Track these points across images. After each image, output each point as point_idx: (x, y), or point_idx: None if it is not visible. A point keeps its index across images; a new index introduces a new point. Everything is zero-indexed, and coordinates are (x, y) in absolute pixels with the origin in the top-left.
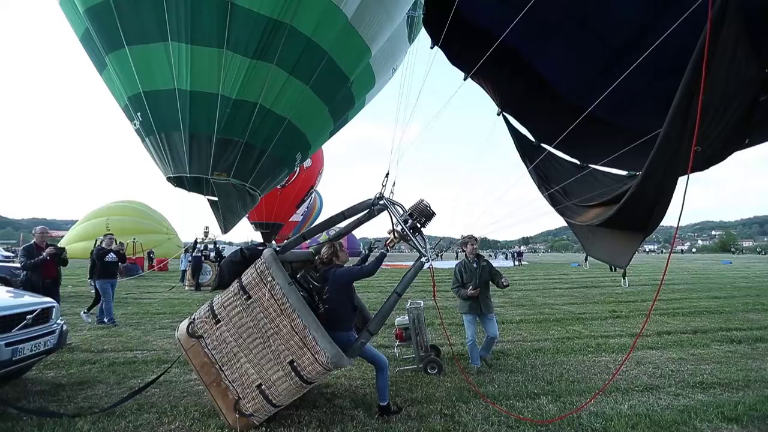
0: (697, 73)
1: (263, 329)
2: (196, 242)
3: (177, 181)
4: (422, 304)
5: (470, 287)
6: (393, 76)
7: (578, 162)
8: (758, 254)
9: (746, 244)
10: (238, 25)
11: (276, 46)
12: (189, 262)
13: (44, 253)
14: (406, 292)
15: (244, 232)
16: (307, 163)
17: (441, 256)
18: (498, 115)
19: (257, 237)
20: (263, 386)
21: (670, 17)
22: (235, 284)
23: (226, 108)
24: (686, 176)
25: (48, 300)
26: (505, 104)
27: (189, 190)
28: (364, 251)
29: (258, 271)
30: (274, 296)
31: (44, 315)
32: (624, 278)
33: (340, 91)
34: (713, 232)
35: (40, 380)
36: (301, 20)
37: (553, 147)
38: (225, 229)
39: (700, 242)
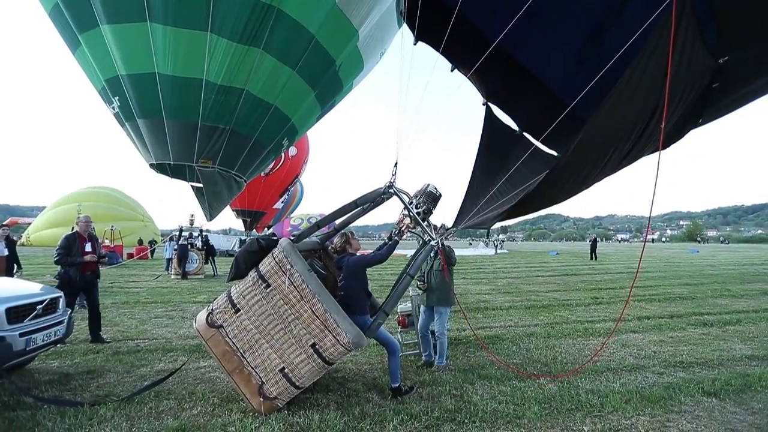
0: (661, 64)
1: (284, 315)
2: (181, 230)
3: (159, 168)
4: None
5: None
6: (381, 59)
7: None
8: (722, 243)
9: (711, 233)
10: (223, 8)
11: (263, 29)
12: (174, 250)
13: (86, 258)
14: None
15: (225, 220)
16: (293, 151)
17: (447, 237)
18: (483, 105)
19: (238, 224)
20: (286, 369)
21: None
22: (253, 274)
23: (212, 94)
24: (658, 153)
25: (55, 290)
26: (489, 94)
27: (171, 177)
28: (385, 240)
29: (276, 259)
30: (293, 283)
31: (52, 305)
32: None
33: (327, 74)
34: (681, 222)
35: (47, 370)
36: (289, 2)
37: (536, 137)
38: (210, 216)
39: (669, 232)
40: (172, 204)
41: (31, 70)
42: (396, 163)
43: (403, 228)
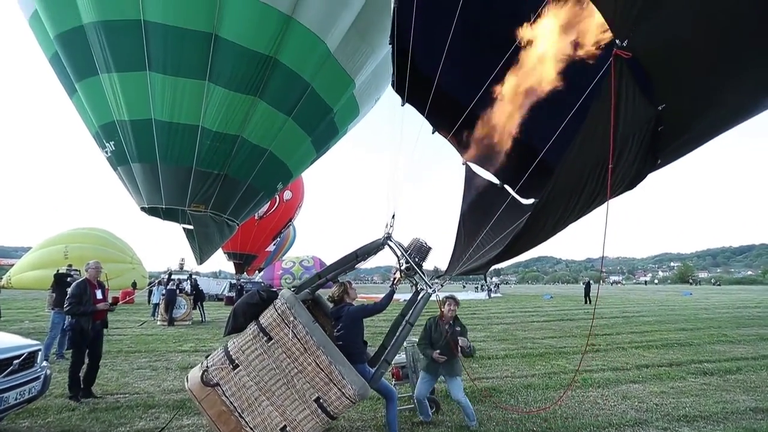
0: (605, 115)
1: (286, 370)
2: (170, 275)
3: (151, 211)
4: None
5: (437, 351)
6: (376, 104)
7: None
8: (713, 285)
9: (702, 275)
10: (221, 58)
11: (260, 78)
12: (162, 295)
13: (99, 307)
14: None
15: (216, 262)
16: (287, 195)
17: (443, 284)
18: (463, 165)
19: (229, 267)
20: (288, 428)
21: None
22: (252, 327)
23: (207, 140)
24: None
25: (34, 343)
26: (468, 155)
27: (163, 219)
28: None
29: (279, 311)
30: (297, 335)
31: (30, 359)
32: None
33: (323, 121)
34: (672, 264)
35: (15, 431)
36: (285, 53)
37: (515, 189)
38: (201, 260)
39: (660, 273)
40: (162, 245)
41: (20, 112)
42: (393, 215)
43: (395, 280)
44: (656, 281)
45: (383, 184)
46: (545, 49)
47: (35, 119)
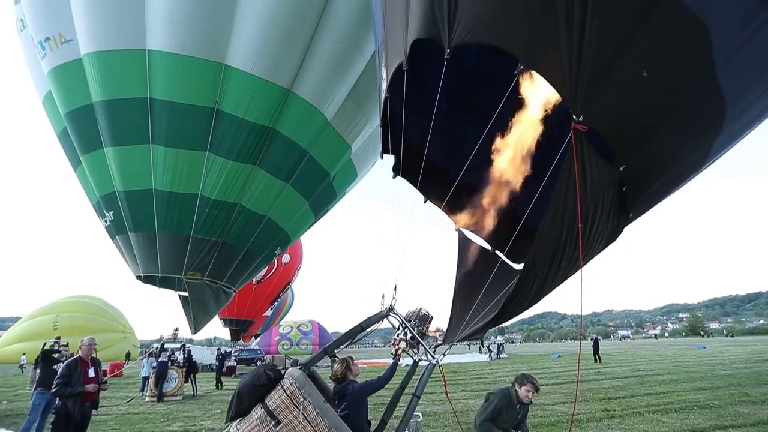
0: (572, 182)
1: None
2: (162, 345)
3: (147, 279)
4: (421, 418)
5: None
6: (373, 167)
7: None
8: (726, 336)
9: (713, 326)
10: (222, 130)
11: (259, 148)
12: (153, 368)
13: (88, 388)
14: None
15: (211, 329)
16: (286, 258)
17: (445, 353)
18: (456, 230)
19: (225, 333)
20: None
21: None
22: (259, 410)
23: (205, 208)
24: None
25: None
26: (457, 221)
27: (159, 287)
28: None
29: (288, 392)
30: (307, 417)
31: None
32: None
33: (321, 185)
34: (680, 315)
35: None
36: (284, 124)
37: (506, 254)
38: (195, 329)
39: (670, 325)
40: (156, 313)
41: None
42: (395, 287)
43: (399, 352)
44: (666, 334)
45: (383, 248)
46: (520, 118)
47: (32, 190)
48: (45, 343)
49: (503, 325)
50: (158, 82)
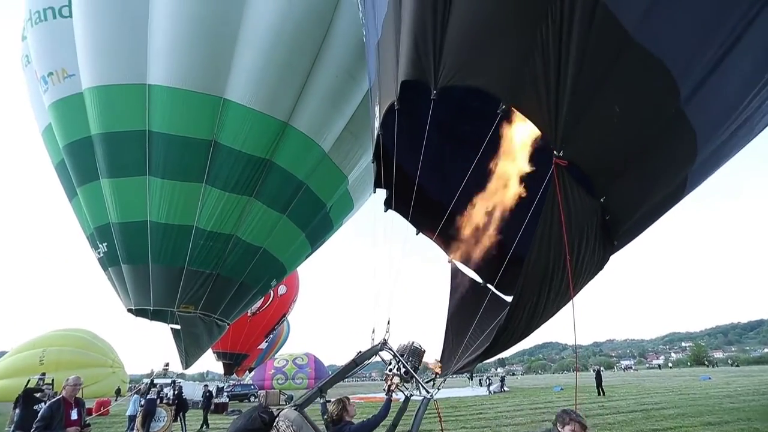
0: (556, 213)
1: None
2: (152, 381)
3: (138, 312)
4: None
5: None
6: (371, 197)
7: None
8: (732, 366)
9: (717, 355)
10: (219, 162)
11: (255, 180)
12: (141, 405)
13: (70, 431)
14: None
15: (204, 363)
16: (282, 289)
17: (440, 387)
18: (449, 262)
19: (218, 367)
20: None
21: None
22: None
23: (200, 240)
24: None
25: None
26: (449, 253)
27: (151, 320)
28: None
29: None
30: None
31: None
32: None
33: (318, 216)
34: (683, 344)
35: None
36: (281, 156)
37: (497, 286)
38: (187, 363)
39: (673, 355)
40: (147, 346)
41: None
42: (389, 321)
43: (393, 388)
44: (670, 364)
45: (374, 281)
46: (506, 152)
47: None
48: (29, 381)
49: (503, 356)
50: (157, 115)
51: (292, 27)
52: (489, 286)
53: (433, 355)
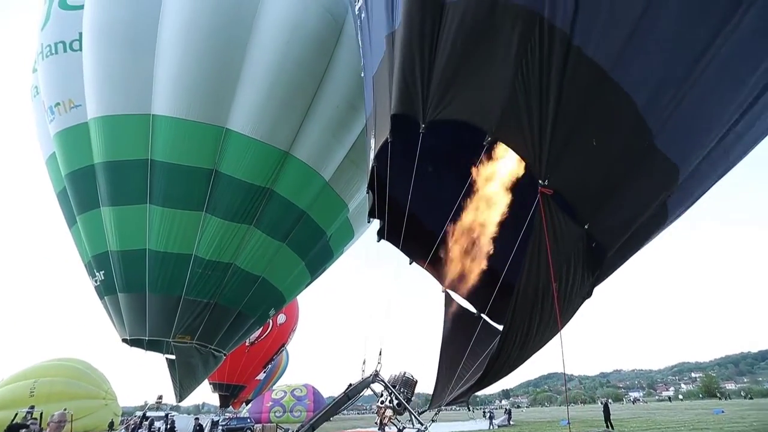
0: (543, 242)
1: None
2: (144, 415)
3: (133, 342)
4: None
5: None
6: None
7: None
8: (745, 398)
9: (729, 386)
10: (220, 191)
11: (255, 208)
12: None
13: None
14: None
15: (199, 395)
16: (281, 318)
17: (434, 419)
18: (443, 292)
19: (214, 399)
20: None
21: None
22: None
23: (198, 269)
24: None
25: None
26: (443, 281)
27: (146, 350)
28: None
29: None
30: None
31: None
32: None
33: (318, 245)
34: (693, 374)
35: None
36: (282, 185)
37: (490, 316)
38: (181, 396)
39: (683, 386)
40: (140, 377)
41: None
42: (380, 352)
43: (386, 421)
44: (681, 396)
45: (367, 311)
46: (494, 181)
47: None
48: (16, 414)
49: (508, 387)
50: (160, 145)
51: (293, 66)
52: (482, 315)
53: (425, 385)
